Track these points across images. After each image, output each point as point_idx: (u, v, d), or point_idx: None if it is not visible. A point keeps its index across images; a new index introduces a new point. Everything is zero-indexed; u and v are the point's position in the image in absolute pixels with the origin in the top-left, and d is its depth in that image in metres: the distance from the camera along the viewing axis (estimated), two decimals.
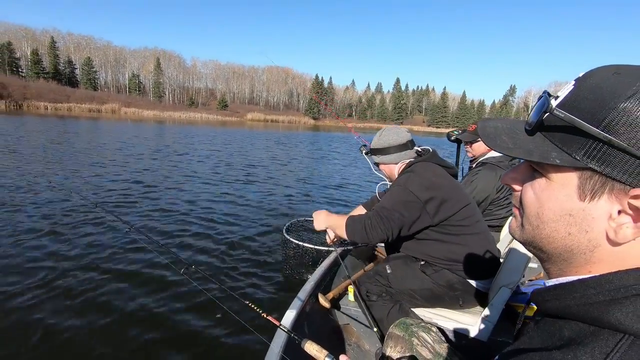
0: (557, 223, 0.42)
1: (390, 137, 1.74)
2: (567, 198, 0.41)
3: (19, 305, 2.52)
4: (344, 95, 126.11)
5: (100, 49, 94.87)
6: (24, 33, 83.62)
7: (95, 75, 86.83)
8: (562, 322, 0.42)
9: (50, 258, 3.25)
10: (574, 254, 0.42)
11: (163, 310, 2.56)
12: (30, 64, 74.89)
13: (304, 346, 1.15)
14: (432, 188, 1.54)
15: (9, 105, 53.74)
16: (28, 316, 2.41)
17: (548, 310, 0.45)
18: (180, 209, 5.16)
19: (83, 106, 63.38)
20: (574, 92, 0.41)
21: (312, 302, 1.79)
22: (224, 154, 12.80)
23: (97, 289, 2.80)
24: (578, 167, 0.39)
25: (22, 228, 3.92)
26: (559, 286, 0.44)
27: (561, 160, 0.40)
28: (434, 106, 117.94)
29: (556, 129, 0.41)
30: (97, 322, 2.39)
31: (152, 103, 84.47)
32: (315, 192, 7.21)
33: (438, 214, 1.55)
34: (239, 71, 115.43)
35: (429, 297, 1.68)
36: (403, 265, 1.72)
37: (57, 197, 5.11)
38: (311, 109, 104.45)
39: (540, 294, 0.46)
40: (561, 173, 0.41)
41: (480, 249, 1.62)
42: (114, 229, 4.02)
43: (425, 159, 1.68)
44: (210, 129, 33.19)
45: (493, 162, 2.47)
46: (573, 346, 0.38)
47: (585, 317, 0.39)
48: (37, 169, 7.37)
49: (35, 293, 2.68)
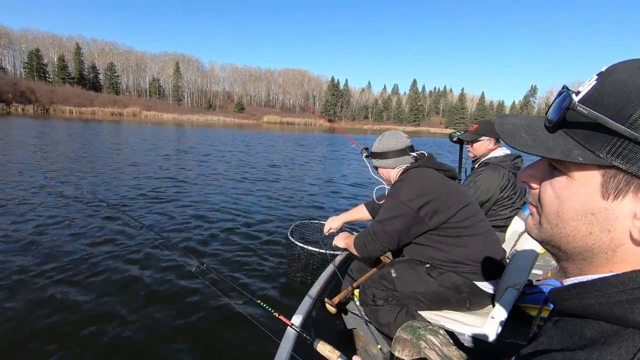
0: (578, 222, 0.41)
1: (389, 142, 1.77)
2: (589, 197, 0.39)
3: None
4: (360, 97, 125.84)
5: (122, 54, 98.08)
6: (51, 40, 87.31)
7: (117, 80, 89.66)
8: (582, 322, 0.41)
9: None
10: (595, 254, 0.41)
11: (173, 307, 2.61)
12: (57, 70, 77.96)
13: (317, 346, 1.13)
14: (423, 195, 1.57)
15: (36, 110, 56.15)
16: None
17: (567, 310, 0.44)
18: (199, 207, 5.29)
19: (106, 110, 65.49)
20: (597, 87, 0.39)
21: (318, 306, 1.78)
22: (246, 155, 13.16)
23: (107, 281, 2.92)
24: (601, 165, 0.38)
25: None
26: (578, 285, 0.43)
27: (584, 158, 0.38)
28: (452, 107, 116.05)
29: (578, 125, 0.40)
30: (106, 317, 2.45)
31: (172, 106, 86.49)
32: (340, 188, 7.35)
33: (433, 218, 1.57)
34: (255, 74, 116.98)
35: (435, 300, 1.67)
36: (408, 269, 1.71)
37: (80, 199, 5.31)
38: (327, 111, 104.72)
39: (559, 293, 0.45)
40: (583, 171, 0.40)
41: (484, 250, 1.60)
42: (128, 226, 4.14)
43: (419, 165, 1.70)
44: (229, 131, 33.75)
45: (495, 162, 2.45)
46: (597, 346, 0.37)
47: (607, 316, 0.38)
48: (70, 167, 7.86)
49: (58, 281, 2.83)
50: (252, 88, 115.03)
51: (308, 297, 1.71)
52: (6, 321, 2.34)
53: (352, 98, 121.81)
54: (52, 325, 2.33)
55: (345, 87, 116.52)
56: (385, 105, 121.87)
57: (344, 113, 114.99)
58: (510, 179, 2.43)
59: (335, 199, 6.75)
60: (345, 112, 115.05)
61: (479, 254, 1.59)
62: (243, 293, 1.46)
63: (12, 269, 3.01)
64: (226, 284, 1.59)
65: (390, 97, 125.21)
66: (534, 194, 0.48)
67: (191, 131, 30.01)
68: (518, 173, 0.51)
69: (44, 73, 77.36)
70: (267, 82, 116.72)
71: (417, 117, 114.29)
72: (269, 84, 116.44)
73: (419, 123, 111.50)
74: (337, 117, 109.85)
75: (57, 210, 4.68)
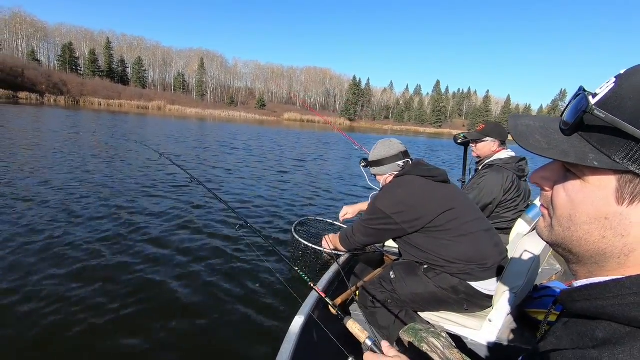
0: (590, 226, 0.41)
1: (383, 150, 1.87)
2: (603, 201, 0.39)
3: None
4: (382, 97, 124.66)
5: (149, 49, 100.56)
6: (83, 34, 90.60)
7: (144, 74, 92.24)
8: (593, 323, 0.40)
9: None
10: (607, 258, 0.41)
11: (214, 259, 3.35)
12: (88, 63, 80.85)
13: (347, 323, 1.15)
14: (398, 203, 1.67)
15: (67, 101, 58.36)
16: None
17: (578, 311, 0.43)
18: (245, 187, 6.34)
19: (132, 103, 67.48)
20: (615, 90, 0.39)
21: (320, 307, 1.78)
22: (277, 149, 14.14)
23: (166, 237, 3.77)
24: (617, 170, 0.37)
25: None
26: (590, 286, 0.42)
27: (599, 162, 0.38)
28: (475, 110, 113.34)
29: (594, 129, 0.39)
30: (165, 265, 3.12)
31: (195, 101, 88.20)
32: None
33: (408, 223, 1.66)
34: (277, 71, 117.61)
35: (434, 301, 1.70)
36: (406, 270, 1.76)
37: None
38: (347, 110, 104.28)
39: (570, 294, 0.45)
40: (598, 175, 0.39)
41: (473, 250, 1.62)
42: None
43: (404, 173, 1.78)
44: (252, 127, 34.71)
45: (499, 164, 2.44)
46: (609, 346, 0.37)
47: (620, 317, 0.37)
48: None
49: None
50: (273, 85, 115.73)
51: (311, 297, 1.72)
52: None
53: (374, 98, 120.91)
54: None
55: (366, 86, 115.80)
56: (407, 105, 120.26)
57: (365, 112, 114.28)
58: (514, 181, 2.40)
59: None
60: (365, 111, 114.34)
61: (467, 254, 1.61)
62: (276, 251, 1.95)
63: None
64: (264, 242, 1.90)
65: (413, 98, 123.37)
66: (546, 195, 0.47)
67: (216, 125, 31.09)
68: (530, 174, 0.50)
69: (76, 66, 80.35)
70: (289, 79, 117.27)
71: (439, 119, 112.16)
72: (291, 81, 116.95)
73: (440, 125, 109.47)
74: (357, 116, 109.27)
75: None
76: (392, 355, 0.80)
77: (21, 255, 3.03)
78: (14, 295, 2.47)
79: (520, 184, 2.46)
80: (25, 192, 4.82)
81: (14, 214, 3.93)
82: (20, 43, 78.93)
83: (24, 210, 4.07)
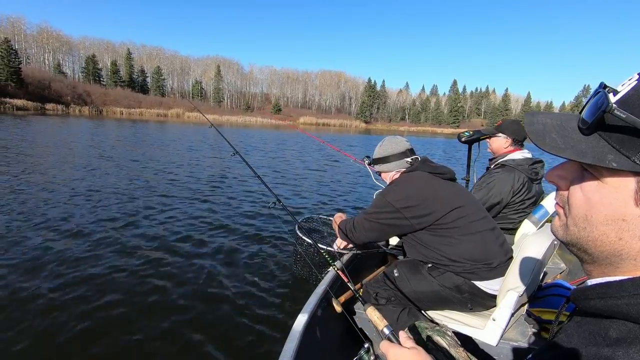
0: (607, 227, 0.40)
1: (390, 147, 1.86)
2: (621, 203, 0.38)
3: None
4: (397, 99, 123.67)
5: (168, 58, 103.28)
6: (105, 46, 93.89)
7: (163, 83, 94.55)
8: (607, 322, 0.40)
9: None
10: (623, 259, 0.40)
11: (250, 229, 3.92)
12: (110, 74, 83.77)
13: (366, 310, 1.14)
14: (409, 198, 1.64)
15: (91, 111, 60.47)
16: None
17: (591, 309, 0.42)
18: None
19: (152, 111, 69.29)
20: (637, 88, 0.37)
21: (324, 305, 1.77)
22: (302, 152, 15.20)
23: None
24: (637, 172, 0.36)
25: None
26: (604, 285, 0.41)
27: (618, 163, 0.37)
28: (494, 109, 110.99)
29: (614, 129, 0.38)
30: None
31: (212, 108, 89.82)
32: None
33: (416, 220, 1.63)
34: (292, 76, 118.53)
35: (437, 300, 1.69)
36: (411, 269, 1.74)
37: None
38: (363, 113, 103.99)
39: (583, 292, 0.44)
40: (617, 177, 0.38)
41: (478, 250, 1.61)
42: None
43: (412, 169, 1.77)
44: (272, 132, 35.61)
45: (512, 164, 2.39)
46: (623, 345, 0.36)
47: (636, 316, 0.37)
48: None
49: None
50: (289, 90, 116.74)
51: (314, 295, 1.72)
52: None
53: (389, 99, 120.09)
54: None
55: (382, 88, 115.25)
56: (423, 106, 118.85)
57: (380, 114, 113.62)
58: (525, 183, 2.34)
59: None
60: (381, 113, 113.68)
61: (473, 253, 1.60)
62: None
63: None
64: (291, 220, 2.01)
65: (429, 98, 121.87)
66: (562, 195, 0.46)
67: (243, 132, 32.34)
68: (547, 172, 0.50)
69: (99, 77, 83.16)
70: (304, 83, 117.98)
71: (457, 119, 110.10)
72: (306, 85, 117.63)
73: (458, 125, 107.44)
74: (373, 118, 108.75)
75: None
76: (409, 347, 0.76)
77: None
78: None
79: (532, 187, 2.41)
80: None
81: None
82: (47, 57, 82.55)
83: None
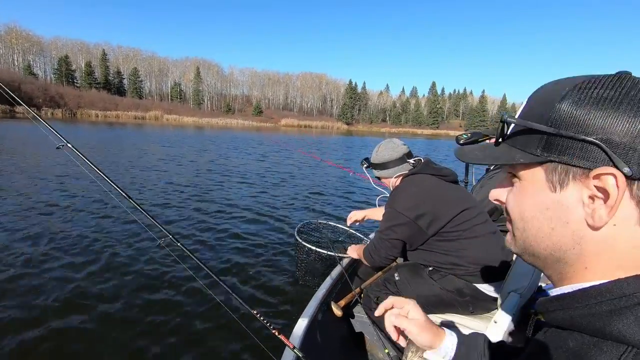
0: (538, 220, 0.44)
1: (387, 152, 1.82)
2: (540, 192, 0.43)
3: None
4: (378, 100, 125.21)
5: (145, 59, 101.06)
6: (79, 47, 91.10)
7: (140, 85, 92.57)
8: (566, 334, 0.42)
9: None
10: (564, 251, 0.43)
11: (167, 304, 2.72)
12: (84, 75, 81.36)
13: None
14: (418, 204, 1.61)
15: (65, 113, 58.38)
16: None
17: (553, 321, 0.44)
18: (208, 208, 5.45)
19: (129, 113, 67.69)
20: (526, 105, 0.46)
21: (324, 309, 1.77)
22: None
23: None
24: (541, 162, 0.42)
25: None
26: (561, 296, 0.44)
27: (524, 158, 0.43)
28: (472, 110, 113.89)
29: (516, 134, 0.45)
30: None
31: (192, 110, 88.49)
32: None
33: (431, 227, 1.61)
34: (274, 78, 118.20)
35: (439, 303, 1.67)
36: (411, 272, 1.73)
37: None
38: (344, 114, 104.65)
39: (545, 305, 0.46)
40: (529, 170, 0.44)
41: (482, 252, 1.61)
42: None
43: (416, 172, 1.73)
44: (255, 134, 34.92)
45: None
46: (578, 358, 0.38)
47: (588, 328, 0.38)
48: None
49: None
50: (270, 91, 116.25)
51: (314, 301, 1.71)
52: None
53: (370, 101, 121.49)
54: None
55: (363, 89, 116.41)
56: (403, 108, 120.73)
57: (362, 116, 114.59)
58: None
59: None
60: (362, 115, 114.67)
61: (477, 256, 1.59)
62: (240, 303, 1.56)
63: None
64: (224, 289, 1.63)
65: (409, 100, 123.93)
66: (505, 207, 0.51)
67: (229, 134, 31.07)
68: (489, 195, 0.55)
69: (72, 78, 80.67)
70: (286, 85, 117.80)
71: (436, 120, 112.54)
72: (287, 87, 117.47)
73: (437, 126, 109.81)
74: (354, 120, 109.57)
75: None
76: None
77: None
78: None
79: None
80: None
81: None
82: (16, 57, 79.32)
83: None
